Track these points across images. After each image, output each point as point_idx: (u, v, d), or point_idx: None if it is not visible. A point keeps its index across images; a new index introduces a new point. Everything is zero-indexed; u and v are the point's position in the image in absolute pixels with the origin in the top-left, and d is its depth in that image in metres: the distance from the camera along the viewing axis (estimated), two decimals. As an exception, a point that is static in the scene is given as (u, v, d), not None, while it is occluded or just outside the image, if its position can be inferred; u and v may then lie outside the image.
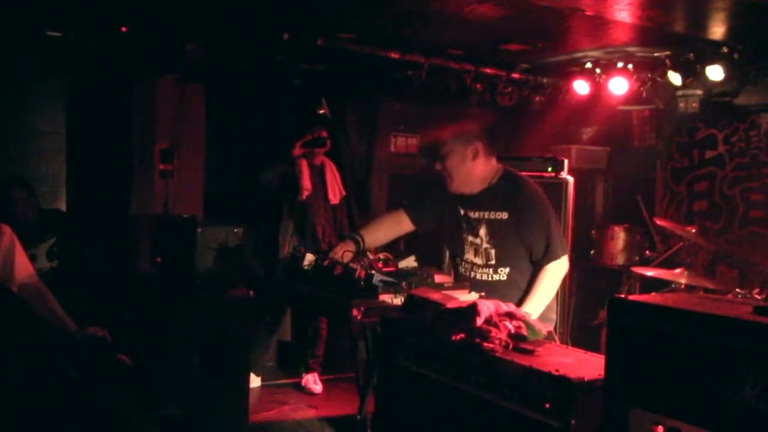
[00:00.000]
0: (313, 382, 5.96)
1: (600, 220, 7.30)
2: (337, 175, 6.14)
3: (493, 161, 3.77)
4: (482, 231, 3.73)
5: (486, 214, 3.72)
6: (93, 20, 5.28)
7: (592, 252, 6.53)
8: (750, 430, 1.79)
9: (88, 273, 4.83)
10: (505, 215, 3.67)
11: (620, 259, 6.34)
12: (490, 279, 3.70)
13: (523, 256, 3.69)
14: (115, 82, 5.78)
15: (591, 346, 2.83)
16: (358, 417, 3.54)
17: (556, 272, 3.64)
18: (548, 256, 3.62)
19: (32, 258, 4.15)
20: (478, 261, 3.75)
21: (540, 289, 3.59)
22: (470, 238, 3.79)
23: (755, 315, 1.89)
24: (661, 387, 1.99)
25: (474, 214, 3.76)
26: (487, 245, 3.72)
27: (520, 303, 3.53)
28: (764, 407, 1.75)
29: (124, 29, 5.32)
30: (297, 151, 5.88)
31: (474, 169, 3.71)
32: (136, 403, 3.47)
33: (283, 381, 6.16)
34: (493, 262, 3.71)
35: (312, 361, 6.03)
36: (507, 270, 3.69)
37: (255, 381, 5.84)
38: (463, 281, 3.71)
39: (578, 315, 6.44)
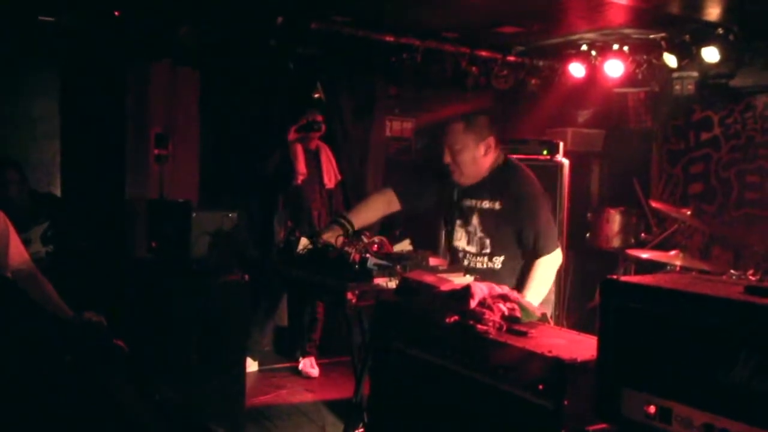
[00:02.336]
0: (309, 365, 5.99)
1: (595, 203, 7.31)
2: (333, 159, 6.13)
3: (499, 150, 3.75)
4: (475, 220, 3.72)
5: (479, 203, 3.71)
6: (86, 5, 5.26)
7: (587, 235, 6.56)
8: (741, 409, 1.80)
9: (83, 258, 4.83)
10: (497, 205, 3.65)
11: (616, 242, 6.36)
12: (485, 267, 3.69)
13: (516, 245, 3.68)
14: (108, 66, 5.75)
15: (587, 328, 2.84)
16: (355, 400, 3.56)
17: (548, 266, 3.61)
18: (539, 250, 3.60)
19: (26, 242, 4.15)
20: (472, 249, 3.75)
21: (533, 283, 3.56)
22: (464, 226, 3.79)
23: (746, 295, 1.90)
24: (653, 367, 1.99)
25: (468, 203, 3.75)
26: (481, 234, 3.71)
27: None
28: (755, 386, 1.76)
29: (117, 14, 5.30)
30: (292, 135, 5.87)
31: (483, 163, 3.69)
32: (132, 388, 3.48)
33: (280, 365, 6.18)
34: (488, 250, 3.70)
35: (308, 345, 6.05)
36: (501, 258, 3.68)
37: (252, 365, 5.86)
38: (458, 266, 3.71)
39: (574, 297, 6.47)
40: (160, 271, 4.63)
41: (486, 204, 3.69)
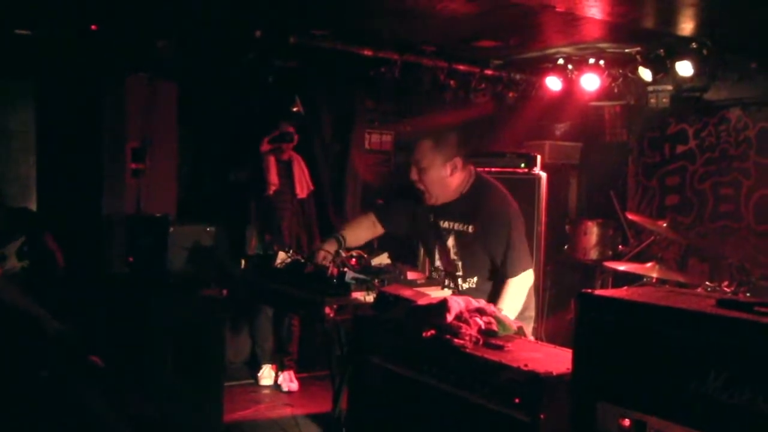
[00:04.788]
0: (288, 379, 5.96)
1: (573, 215, 7.36)
2: (305, 169, 6.17)
3: (469, 169, 3.74)
4: (450, 241, 3.73)
5: (455, 225, 3.71)
6: (62, 18, 5.23)
7: (565, 247, 6.60)
8: (713, 422, 1.82)
9: (59, 273, 4.79)
10: (471, 228, 3.66)
11: (593, 254, 6.40)
12: (459, 288, 3.70)
13: (489, 266, 3.69)
14: (85, 80, 5.72)
15: (566, 341, 2.85)
16: (333, 414, 3.55)
17: (518, 287, 3.63)
18: (510, 271, 3.61)
19: (2, 257, 4.11)
20: (448, 269, 3.75)
21: (503, 304, 3.55)
22: (440, 247, 3.78)
23: (718, 308, 1.92)
24: (628, 380, 2.01)
25: (444, 224, 3.74)
26: (455, 256, 3.72)
27: None
28: (727, 399, 1.78)
29: (93, 27, 5.27)
30: (265, 147, 5.92)
31: (451, 183, 3.68)
32: (107, 403, 3.46)
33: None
34: (460, 273, 3.71)
35: (287, 359, 6.03)
36: (474, 279, 3.70)
37: (267, 377, 5.95)
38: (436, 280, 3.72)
39: (552, 310, 6.49)
40: (137, 286, 4.60)
41: (460, 227, 3.69)
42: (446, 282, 3.73)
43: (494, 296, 3.63)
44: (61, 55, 5.52)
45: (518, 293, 3.63)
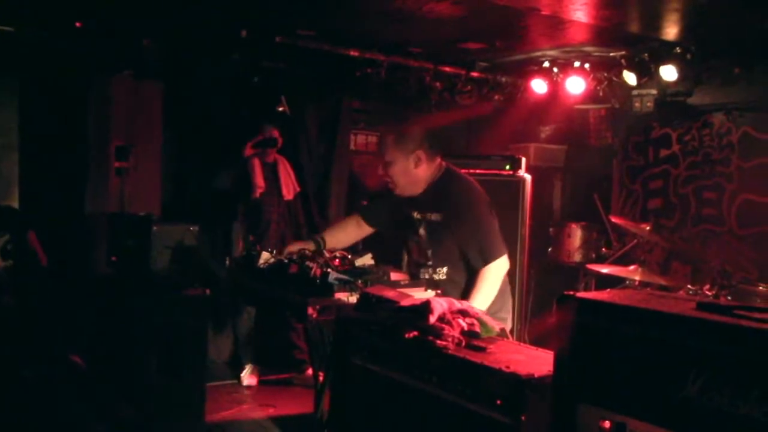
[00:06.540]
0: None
1: (557, 218, 7.38)
2: (291, 171, 6.18)
3: (437, 161, 3.80)
4: (422, 231, 3.75)
5: (425, 215, 3.73)
6: (46, 16, 5.20)
7: (549, 249, 6.62)
8: (693, 425, 1.83)
9: (42, 272, 4.76)
10: (439, 217, 3.68)
11: (577, 257, 6.43)
12: (430, 278, 3.71)
13: (459, 256, 3.71)
14: (69, 78, 5.69)
15: (549, 343, 2.85)
16: (316, 416, 3.54)
17: (493, 274, 3.65)
18: (483, 259, 3.63)
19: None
20: (421, 260, 3.78)
21: (478, 293, 3.57)
22: (414, 237, 3.81)
23: (698, 311, 1.93)
24: (608, 382, 2.02)
25: (416, 215, 3.77)
26: (426, 245, 3.74)
27: None
28: (706, 402, 1.79)
29: (78, 25, 5.25)
30: (248, 151, 5.93)
31: (417, 175, 3.75)
32: (90, 405, 3.44)
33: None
34: (431, 262, 3.73)
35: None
36: (445, 269, 3.70)
37: (250, 377, 5.93)
38: (419, 281, 3.72)
39: (535, 312, 6.51)
40: (120, 286, 4.58)
41: (430, 216, 3.72)
42: (418, 274, 3.74)
43: (468, 287, 3.64)
44: (45, 52, 5.49)
45: (493, 281, 3.64)
